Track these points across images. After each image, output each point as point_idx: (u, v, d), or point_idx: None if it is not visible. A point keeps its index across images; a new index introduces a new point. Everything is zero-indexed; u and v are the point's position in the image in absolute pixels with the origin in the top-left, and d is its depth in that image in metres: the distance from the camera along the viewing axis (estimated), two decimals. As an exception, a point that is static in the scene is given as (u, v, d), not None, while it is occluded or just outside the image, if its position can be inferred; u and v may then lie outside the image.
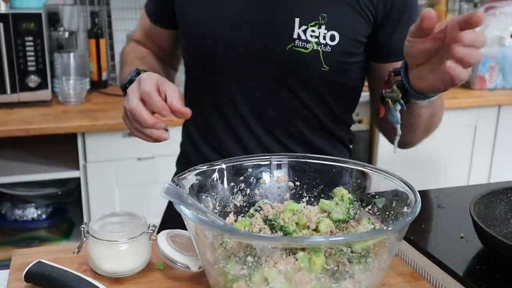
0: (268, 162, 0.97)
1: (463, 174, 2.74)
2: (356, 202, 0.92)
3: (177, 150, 1.39)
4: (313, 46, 1.14)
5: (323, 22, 1.15)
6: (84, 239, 0.92)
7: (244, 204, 0.96)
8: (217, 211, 0.93)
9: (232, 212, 0.94)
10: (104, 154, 2.21)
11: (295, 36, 1.14)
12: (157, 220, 1.35)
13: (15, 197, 2.44)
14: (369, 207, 0.92)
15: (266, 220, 0.89)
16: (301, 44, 1.15)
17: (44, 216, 2.48)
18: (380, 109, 1.12)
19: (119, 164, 2.26)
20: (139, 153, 2.14)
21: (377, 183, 0.93)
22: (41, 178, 2.26)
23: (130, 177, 2.29)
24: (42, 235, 2.45)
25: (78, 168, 2.25)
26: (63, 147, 2.40)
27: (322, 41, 1.14)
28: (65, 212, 2.55)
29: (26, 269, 0.87)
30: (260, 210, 0.91)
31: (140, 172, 2.28)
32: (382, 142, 2.59)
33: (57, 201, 2.52)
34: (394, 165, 2.57)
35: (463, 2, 3.24)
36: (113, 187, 2.28)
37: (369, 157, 2.68)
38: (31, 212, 2.45)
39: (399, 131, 1.11)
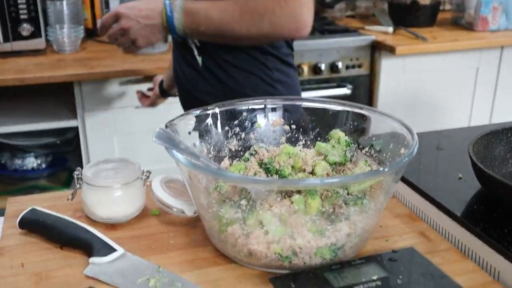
0: (263, 106, 0.96)
1: (464, 116, 2.72)
2: (353, 145, 0.91)
3: (173, 99, 1.37)
4: None
5: None
6: (78, 185, 0.92)
7: (239, 149, 0.95)
8: (211, 156, 0.92)
9: (227, 157, 0.94)
10: (102, 103, 2.19)
11: None
12: (157, 168, 1.35)
13: (14, 147, 2.43)
14: (366, 149, 0.91)
15: (261, 164, 0.89)
16: None
17: (44, 166, 2.48)
18: None
19: (117, 113, 2.24)
20: (137, 101, 2.11)
21: (375, 125, 0.91)
22: (39, 128, 2.24)
23: (128, 125, 2.27)
24: (42, 184, 2.45)
25: (76, 117, 2.23)
26: (59, 97, 2.38)
27: None
28: (65, 161, 2.55)
29: (20, 216, 0.87)
30: (255, 154, 0.91)
31: (138, 121, 2.26)
32: (382, 87, 2.57)
33: (56, 151, 2.52)
34: (394, 110, 2.55)
35: None
36: (111, 136, 2.27)
37: (369, 102, 2.65)
38: (31, 162, 2.45)
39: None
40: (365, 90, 2.64)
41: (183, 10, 1.23)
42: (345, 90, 2.54)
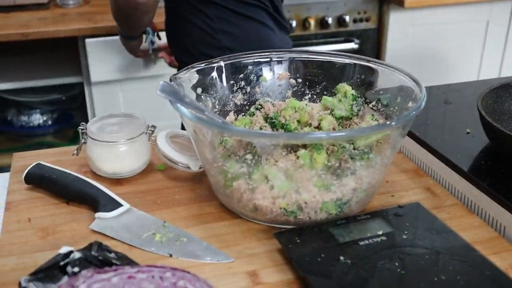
0: (269, 59, 0.95)
1: (473, 71, 2.69)
2: (359, 99, 0.90)
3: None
4: None
5: None
6: (83, 140, 0.92)
7: (245, 103, 0.94)
8: (216, 110, 0.91)
9: (232, 111, 0.93)
10: (106, 58, 2.16)
11: None
12: (164, 124, 1.34)
13: (19, 103, 2.43)
14: (373, 103, 0.90)
15: (267, 118, 0.88)
16: None
17: (50, 122, 2.48)
18: None
19: (122, 68, 2.22)
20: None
21: (383, 79, 0.90)
22: (44, 84, 2.23)
23: (133, 81, 2.26)
24: (49, 140, 2.46)
25: (80, 73, 2.22)
26: (63, 52, 2.36)
27: None
28: (71, 117, 2.55)
29: (26, 171, 0.87)
30: (261, 108, 0.90)
31: (144, 76, 2.25)
32: (390, 40, 2.53)
33: (62, 107, 2.52)
34: (403, 64, 2.50)
35: None
36: (116, 92, 2.26)
37: (377, 57, 2.62)
38: (37, 118, 2.45)
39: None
40: (373, 44, 2.61)
41: None
42: (353, 45, 2.51)
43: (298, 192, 0.75)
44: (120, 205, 0.81)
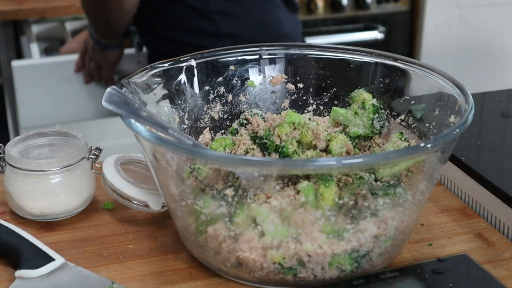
0: (257, 56, 0.96)
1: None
2: (383, 111, 0.91)
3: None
4: None
5: None
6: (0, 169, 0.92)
7: (225, 117, 0.95)
8: (186, 126, 0.92)
9: (208, 128, 0.94)
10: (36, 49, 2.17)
11: None
12: (111, 144, 1.34)
13: None
14: (402, 117, 0.91)
15: (255, 138, 0.88)
16: None
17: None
18: None
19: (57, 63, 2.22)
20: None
21: (414, 84, 0.91)
22: None
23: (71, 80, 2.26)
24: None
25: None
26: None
27: None
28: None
29: None
30: (247, 124, 0.90)
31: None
32: (428, 28, 2.55)
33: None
34: (443, 61, 2.54)
35: None
36: (49, 95, 2.26)
37: (409, 50, 2.65)
38: None
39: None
40: (404, 34, 2.63)
41: None
42: (376, 34, 2.53)
43: (298, 241, 0.74)
44: (51, 259, 0.80)
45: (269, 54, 0.96)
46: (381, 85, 0.93)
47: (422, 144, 0.74)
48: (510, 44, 2.65)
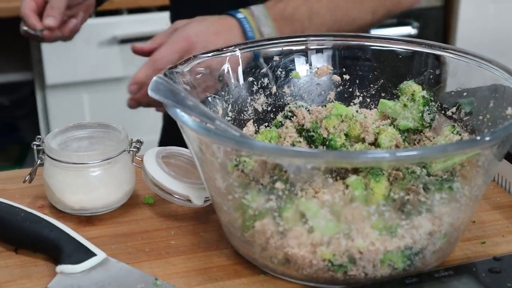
0: (304, 47, 0.95)
1: None
2: (433, 103, 0.90)
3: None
4: None
5: None
6: (38, 161, 0.91)
7: (269, 109, 0.95)
8: (229, 118, 0.92)
9: (252, 120, 0.94)
10: (66, 47, 2.17)
11: None
12: (147, 139, 1.33)
13: None
14: (453, 110, 0.90)
15: (301, 130, 0.88)
16: None
17: (-13, 135, 2.51)
18: None
19: (88, 66, 2.23)
20: (118, 31, 2.08)
21: (465, 75, 0.90)
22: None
23: (104, 76, 2.26)
24: (-15, 161, 2.48)
25: (30, 68, 2.23)
26: (7, 39, 2.37)
27: None
28: (16, 130, 2.57)
29: (-43, 205, 0.87)
30: (293, 117, 0.90)
31: (119, 68, 2.25)
32: (463, 24, 2.53)
33: (4, 115, 2.53)
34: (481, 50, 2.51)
35: None
36: (79, 93, 2.26)
37: (444, 38, 2.64)
38: (-32, 130, 2.48)
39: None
40: (437, 29, 2.63)
41: (273, 21, 1.25)
42: (409, 29, 2.53)
43: (349, 237, 0.73)
44: (92, 254, 0.80)
45: (316, 45, 0.96)
46: (431, 76, 0.92)
47: (478, 138, 0.73)
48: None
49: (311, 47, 0.96)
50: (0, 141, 2.52)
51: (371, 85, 0.95)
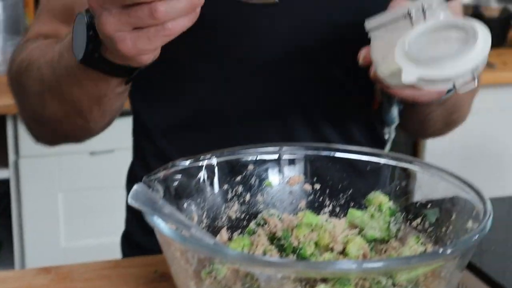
0: (277, 156, 0.96)
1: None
2: (399, 214, 0.91)
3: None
4: None
5: None
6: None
7: (242, 216, 0.95)
8: (204, 225, 0.92)
9: (225, 227, 0.94)
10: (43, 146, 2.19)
11: None
12: (117, 239, 1.34)
13: None
14: (418, 220, 0.91)
15: (273, 238, 0.89)
16: None
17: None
18: (375, 100, 1.17)
19: (65, 161, 2.25)
20: (92, 145, 2.12)
21: (430, 187, 0.92)
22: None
23: (79, 178, 2.28)
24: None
25: (6, 166, 2.23)
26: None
27: None
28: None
29: None
30: (265, 225, 0.90)
31: (93, 172, 2.27)
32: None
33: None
34: (449, 161, 2.54)
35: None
36: (55, 193, 2.27)
37: (413, 149, 2.66)
38: None
39: (392, 133, 1.19)
40: (407, 139, 2.64)
41: None
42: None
43: None
44: None
45: (289, 155, 0.97)
46: (398, 188, 0.94)
47: (440, 250, 0.75)
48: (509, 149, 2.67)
49: (284, 157, 0.96)
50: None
51: (341, 195, 0.96)
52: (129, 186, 1.32)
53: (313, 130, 1.21)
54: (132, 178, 1.32)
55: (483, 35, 0.84)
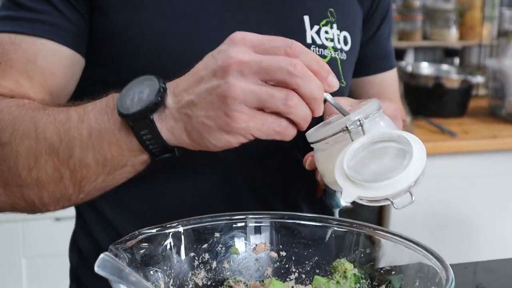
0: (243, 224, 0.97)
1: (509, 241, 2.74)
2: (364, 281, 0.92)
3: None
4: (330, 53, 1.15)
5: (333, 19, 1.16)
6: None
7: (209, 283, 0.95)
8: (170, 293, 0.92)
9: (192, 295, 0.93)
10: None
11: (308, 40, 1.13)
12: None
13: None
14: (383, 287, 0.92)
15: (239, 306, 0.88)
16: (318, 52, 1.13)
17: None
18: (318, 187, 1.17)
19: (29, 226, 2.23)
20: (58, 211, 2.11)
21: (394, 254, 0.93)
22: None
23: (44, 245, 2.26)
24: None
25: None
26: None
27: (337, 45, 1.16)
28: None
29: None
30: (231, 292, 0.90)
31: (58, 238, 2.25)
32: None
33: None
34: (413, 228, 2.57)
35: (505, 7, 3.31)
36: (18, 260, 2.24)
37: (378, 216, 2.68)
38: None
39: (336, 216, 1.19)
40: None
41: None
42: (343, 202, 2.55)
43: None
44: None
45: (255, 222, 0.97)
46: (362, 255, 0.94)
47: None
48: (475, 214, 2.69)
49: (250, 225, 0.97)
50: None
51: (306, 262, 0.96)
52: (72, 254, 1.29)
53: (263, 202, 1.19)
54: (75, 246, 1.27)
55: (418, 151, 0.85)
